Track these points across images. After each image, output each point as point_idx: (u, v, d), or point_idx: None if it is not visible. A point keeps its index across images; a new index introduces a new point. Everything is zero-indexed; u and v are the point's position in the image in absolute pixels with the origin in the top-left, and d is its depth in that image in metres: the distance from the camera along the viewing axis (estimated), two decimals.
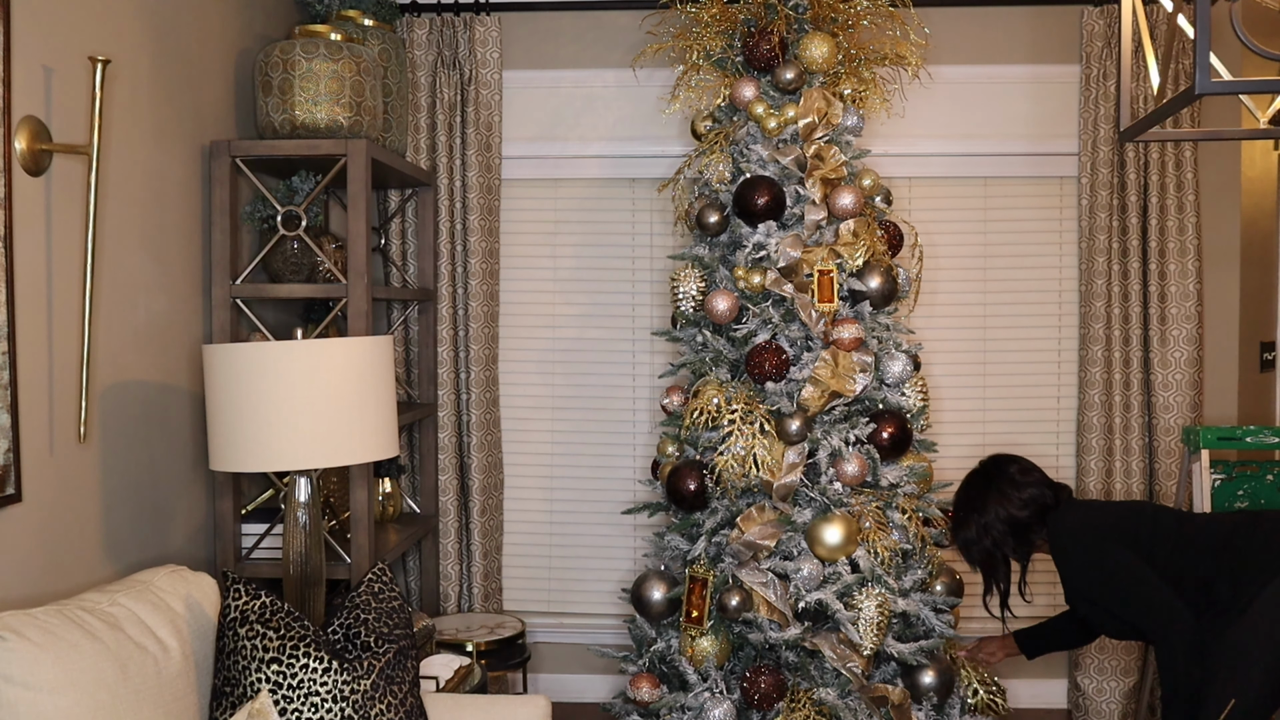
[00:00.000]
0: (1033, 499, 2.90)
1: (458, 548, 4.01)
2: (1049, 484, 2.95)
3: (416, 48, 3.98)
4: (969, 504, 2.98)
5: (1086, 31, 3.90)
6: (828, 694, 3.07)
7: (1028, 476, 2.94)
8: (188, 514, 2.95)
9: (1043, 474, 2.97)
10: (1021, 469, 2.96)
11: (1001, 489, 2.93)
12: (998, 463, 3.01)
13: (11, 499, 2.16)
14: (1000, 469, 2.98)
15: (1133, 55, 3.77)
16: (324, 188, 3.17)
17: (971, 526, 2.96)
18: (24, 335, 2.22)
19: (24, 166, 2.20)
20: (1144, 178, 3.92)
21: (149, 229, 2.75)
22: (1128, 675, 3.93)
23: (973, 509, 2.96)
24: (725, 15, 3.40)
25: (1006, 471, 2.96)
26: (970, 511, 2.97)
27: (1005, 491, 2.92)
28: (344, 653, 2.27)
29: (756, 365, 3.16)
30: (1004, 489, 2.93)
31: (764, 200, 3.22)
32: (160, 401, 2.79)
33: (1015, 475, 2.94)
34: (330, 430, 2.41)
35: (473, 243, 3.98)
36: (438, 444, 3.98)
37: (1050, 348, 4.12)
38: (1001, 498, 2.92)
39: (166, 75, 2.83)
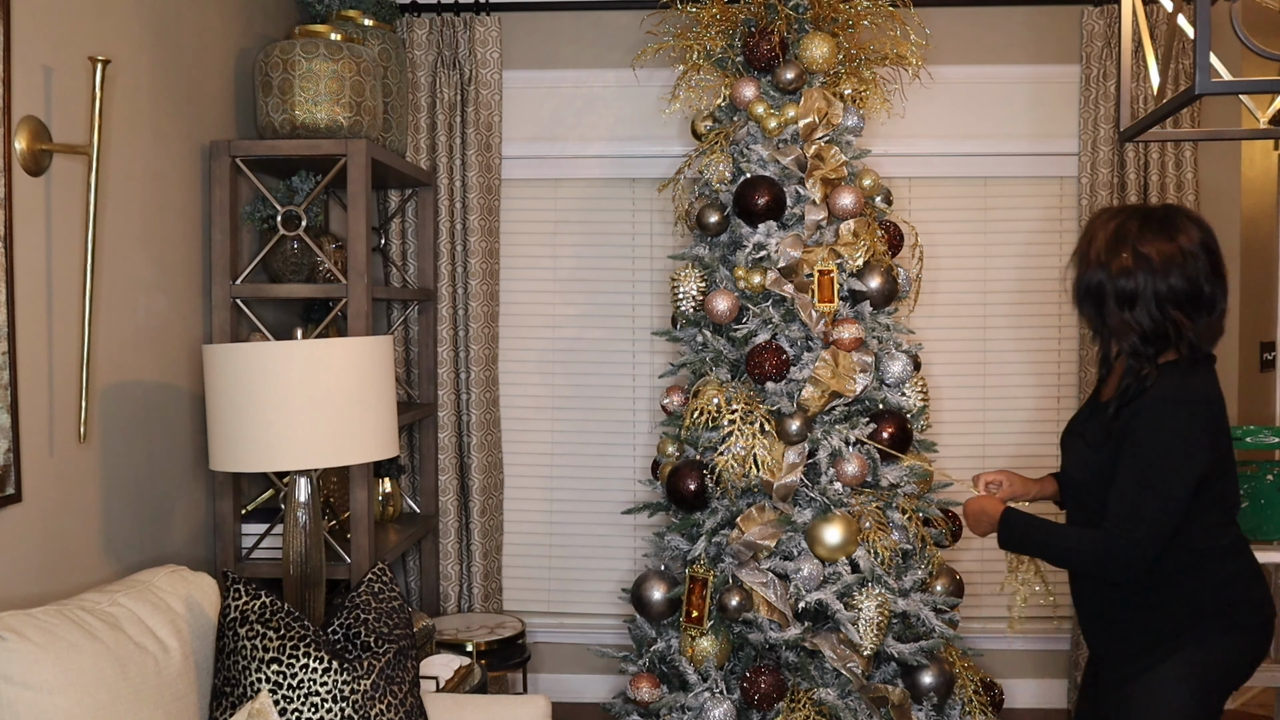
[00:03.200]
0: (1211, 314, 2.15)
1: (458, 548, 4.01)
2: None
3: (416, 48, 3.98)
4: (1143, 245, 2.14)
5: (1086, 31, 3.90)
6: (828, 694, 3.07)
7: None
8: (188, 514, 2.95)
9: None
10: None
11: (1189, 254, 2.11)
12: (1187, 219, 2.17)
13: (11, 499, 2.16)
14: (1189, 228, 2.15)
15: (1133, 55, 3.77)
16: (324, 188, 3.17)
17: (1136, 276, 2.13)
18: (24, 335, 2.22)
19: (24, 166, 2.20)
20: (1144, 178, 3.92)
21: (149, 229, 2.75)
22: None
23: (1149, 256, 2.12)
24: (725, 15, 3.40)
25: (1195, 236, 2.14)
26: (1143, 257, 2.13)
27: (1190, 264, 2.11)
28: (344, 653, 2.27)
29: (757, 365, 3.16)
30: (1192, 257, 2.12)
31: (764, 200, 3.22)
32: (160, 401, 2.79)
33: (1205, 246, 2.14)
34: (330, 430, 2.41)
35: (473, 243, 3.98)
36: (438, 444, 3.98)
37: (1050, 348, 4.12)
38: (1185, 268, 2.11)
39: (166, 75, 2.83)
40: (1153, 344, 2.13)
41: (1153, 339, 2.13)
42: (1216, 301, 2.12)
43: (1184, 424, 2.08)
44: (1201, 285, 2.11)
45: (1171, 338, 2.12)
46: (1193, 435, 2.08)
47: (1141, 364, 2.14)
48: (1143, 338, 2.13)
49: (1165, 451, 2.08)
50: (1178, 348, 2.13)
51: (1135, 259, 2.13)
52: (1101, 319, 2.20)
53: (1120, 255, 2.14)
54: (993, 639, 4.09)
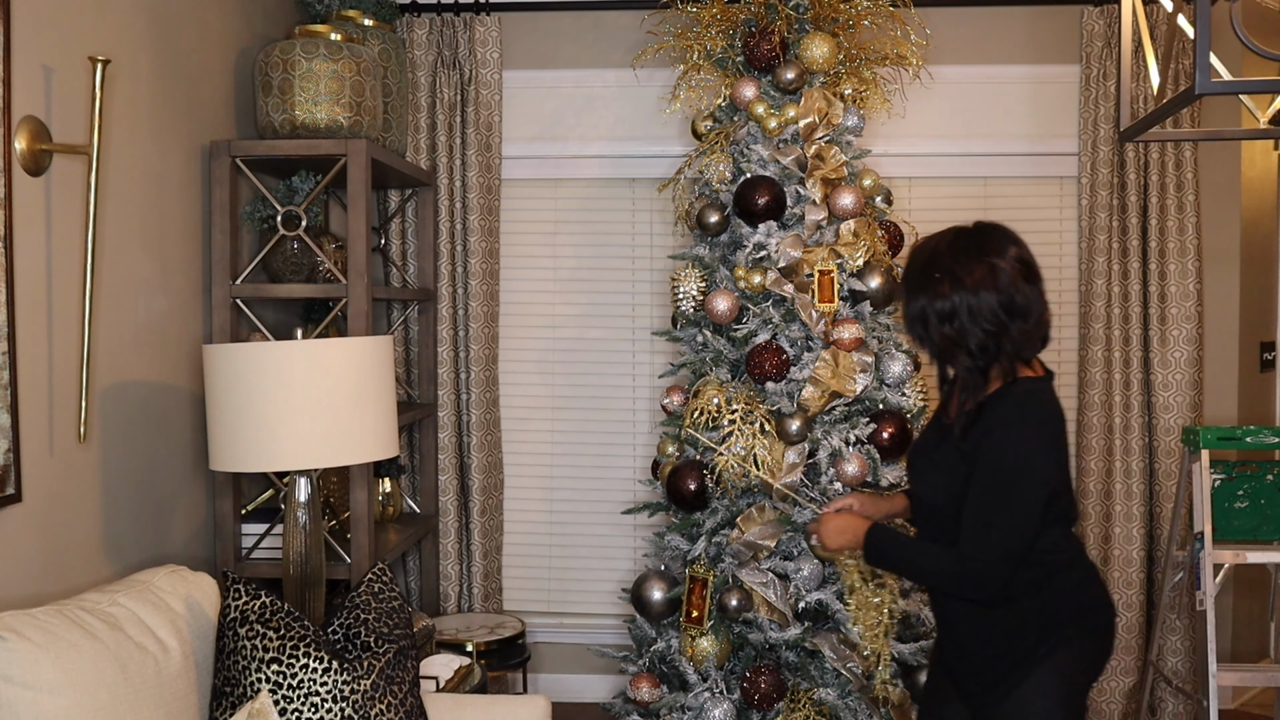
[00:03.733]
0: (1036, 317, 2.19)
1: (458, 548, 4.01)
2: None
3: (416, 48, 3.97)
4: (955, 267, 2.17)
5: (1086, 31, 3.90)
6: (828, 694, 3.07)
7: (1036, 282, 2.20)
8: (188, 514, 2.95)
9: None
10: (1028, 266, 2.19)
11: (997, 268, 2.15)
12: (997, 233, 2.21)
13: (11, 499, 2.16)
14: (999, 243, 2.18)
15: (1133, 55, 3.77)
16: (324, 188, 3.17)
17: (950, 297, 2.16)
18: (24, 335, 2.22)
19: (24, 166, 2.20)
20: (1144, 178, 3.92)
21: (149, 229, 2.75)
22: (1128, 675, 3.93)
23: (960, 276, 2.16)
24: (726, 15, 3.40)
25: (1011, 255, 2.17)
26: (956, 277, 2.16)
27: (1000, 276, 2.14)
28: (344, 653, 2.27)
29: (757, 365, 3.16)
30: (1000, 270, 2.15)
31: (764, 200, 3.22)
32: (160, 401, 2.79)
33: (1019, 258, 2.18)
34: (330, 430, 2.41)
35: (473, 243, 3.98)
36: (438, 444, 3.98)
37: (1050, 348, 4.10)
38: (996, 281, 2.14)
39: (166, 75, 2.83)
40: (979, 359, 2.17)
41: (978, 354, 2.17)
42: (1031, 309, 2.15)
43: (1030, 444, 2.12)
44: (1014, 295, 2.14)
45: (993, 351, 2.16)
46: (1039, 454, 2.13)
47: (975, 379, 2.19)
48: (969, 353, 2.17)
49: (1015, 472, 2.11)
50: (1000, 361, 2.17)
51: (950, 279, 2.17)
52: (931, 341, 2.24)
53: (934, 277, 2.19)
54: None
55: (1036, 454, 2.12)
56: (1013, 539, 2.12)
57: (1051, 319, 2.26)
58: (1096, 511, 3.96)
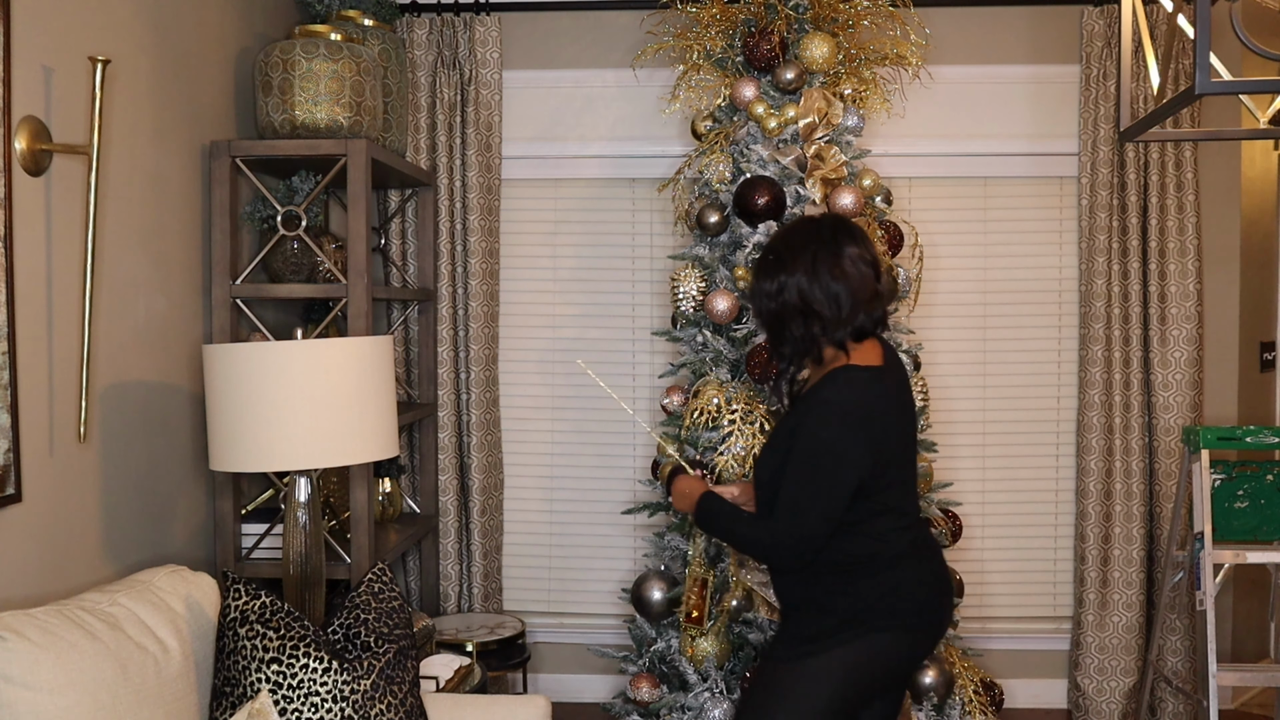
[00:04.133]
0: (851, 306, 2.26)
1: (458, 548, 4.01)
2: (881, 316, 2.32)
3: (416, 48, 3.97)
4: (785, 251, 2.31)
5: (1086, 31, 3.90)
6: None
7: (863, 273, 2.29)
8: (188, 514, 2.95)
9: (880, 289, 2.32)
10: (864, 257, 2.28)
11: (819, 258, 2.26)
12: (844, 230, 2.31)
13: (11, 499, 2.16)
14: (838, 239, 2.28)
15: (1133, 55, 3.77)
16: (324, 188, 3.17)
17: (776, 278, 2.30)
18: (24, 335, 2.22)
19: (24, 166, 2.20)
20: (1144, 178, 3.92)
21: (149, 229, 2.75)
22: (1128, 675, 3.93)
23: (786, 261, 2.29)
24: (725, 15, 3.40)
25: (842, 248, 2.27)
26: (783, 261, 2.30)
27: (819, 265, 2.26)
28: (344, 653, 2.27)
29: (757, 365, 3.16)
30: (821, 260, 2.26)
31: (764, 200, 3.22)
32: (160, 401, 2.79)
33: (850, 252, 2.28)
34: (330, 430, 2.41)
35: (473, 243, 3.98)
36: (438, 444, 3.98)
37: (1050, 348, 4.12)
38: (813, 268, 2.26)
39: (166, 75, 2.83)
40: (796, 339, 2.30)
41: (795, 334, 2.29)
42: (842, 299, 2.25)
43: (839, 426, 2.20)
44: (829, 284, 2.25)
45: (806, 333, 2.28)
46: (848, 438, 2.20)
47: (796, 358, 2.33)
48: (788, 332, 2.30)
49: (825, 450, 2.20)
50: (819, 344, 2.28)
51: (778, 262, 2.30)
52: (760, 317, 2.38)
53: (768, 259, 2.33)
54: (993, 639, 4.09)
55: (846, 437, 2.20)
56: (816, 516, 2.21)
57: (884, 308, 2.34)
58: (1096, 511, 3.96)
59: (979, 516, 4.13)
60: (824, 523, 2.22)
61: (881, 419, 2.24)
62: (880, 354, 2.31)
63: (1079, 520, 4.01)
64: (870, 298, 2.28)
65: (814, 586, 2.30)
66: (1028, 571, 4.15)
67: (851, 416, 2.21)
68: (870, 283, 2.28)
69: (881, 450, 2.23)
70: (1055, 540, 4.14)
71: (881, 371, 2.28)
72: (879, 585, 2.26)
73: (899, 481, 2.29)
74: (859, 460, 2.20)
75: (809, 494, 2.21)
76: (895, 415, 2.28)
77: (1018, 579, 4.16)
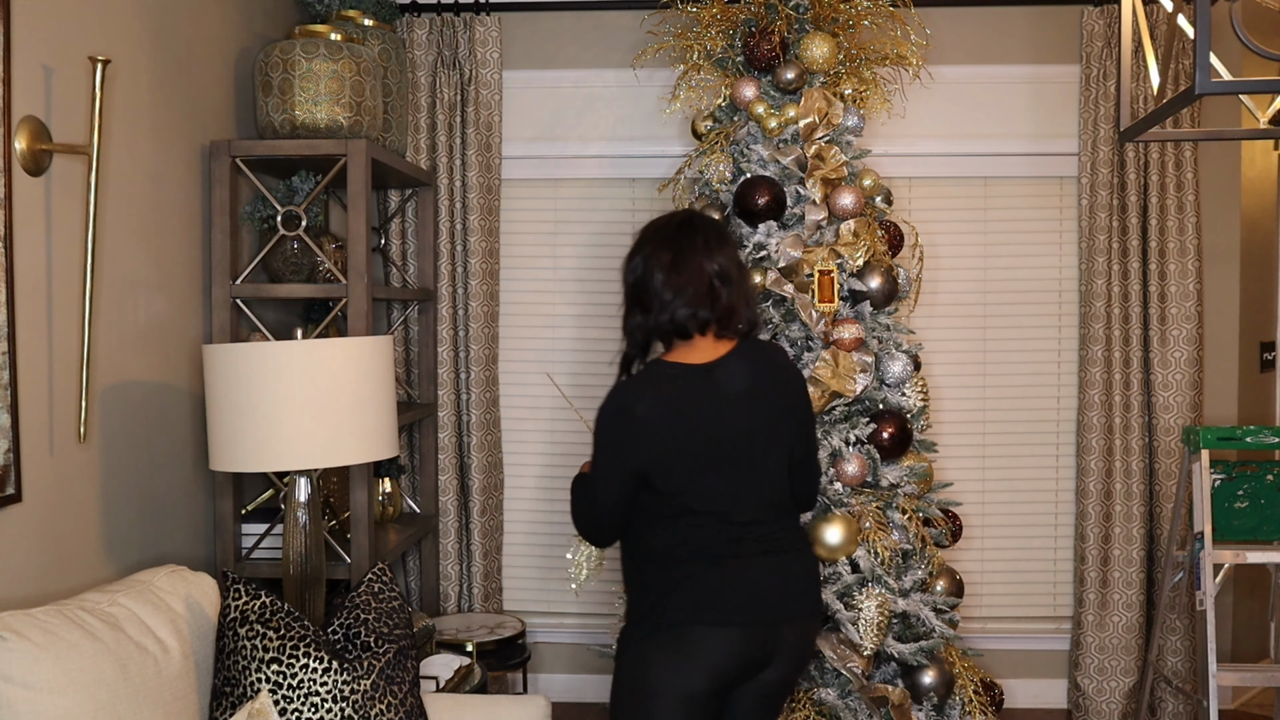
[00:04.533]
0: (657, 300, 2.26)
1: (458, 548, 4.01)
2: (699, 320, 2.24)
3: (416, 48, 3.97)
4: (637, 242, 2.33)
5: (1086, 31, 3.90)
6: (828, 694, 3.07)
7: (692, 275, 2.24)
8: (188, 514, 2.95)
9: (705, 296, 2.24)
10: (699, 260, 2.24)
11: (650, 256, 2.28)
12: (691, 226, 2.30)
13: (11, 499, 2.16)
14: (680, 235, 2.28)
15: (1133, 55, 3.77)
16: (324, 188, 3.17)
17: (626, 265, 2.33)
18: (24, 335, 2.22)
19: (24, 166, 2.20)
20: (1144, 178, 3.92)
21: (149, 229, 2.75)
22: (1128, 675, 3.93)
23: (632, 251, 2.33)
24: (726, 15, 3.40)
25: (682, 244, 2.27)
26: (631, 252, 2.33)
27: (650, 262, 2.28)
28: (344, 653, 2.27)
29: None
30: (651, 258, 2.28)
31: (764, 200, 3.22)
32: (160, 401, 2.79)
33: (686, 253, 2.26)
34: (330, 430, 2.41)
35: (473, 243, 3.98)
36: (438, 444, 3.98)
37: (1050, 348, 4.12)
38: (644, 263, 2.28)
39: (166, 75, 2.83)
40: (625, 329, 2.32)
41: (626, 324, 2.33)
42: (656, 303, 2.25)
43: (608, 418, 2.23)
44: (649, 283, 2.25)
45: (629, 322, 2.31)
46: (614, 429, 2.22)
47: (634, 348, 2.34)
48: (627, 334, 2.33)
49: (599, 444, 2.26)
50: (643, 329, 2.29)
51: (629, 253, 2.34)
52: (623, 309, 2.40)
53: (632, 247, 2.36)
54: (993, 639, 4.09)
55: (612, 428, 2.23)
56: (601, 501, 2.27)
57: (724, 311, 2.24)
58: (1096, 511, 3.96)
59: (979, 516, 4.13)
60: (603, 507, 2.26)
61: (653, 425, 2.19)
62: (718, 353, 2.26)
63: (1079, 520, 4.01)
64: (697, 297, 2.22)
65: (625, 571, 2.35)
66: (1028, 571, 4.15)
67: (619, 409, 2.22)
68: (702, 282, 2.23)
69: (664, 450, 2.19)
70: (1055, 540, 4.14)
71: (695, 370, 2.24)
72: (649, 590, 2.24)
73: (697, 485, 2.21)
74: (626, 458, 2.20)
75: (595, 482, 2.27)
76: (700, 416, 2.21)
77: (1018, 579, 4.16)
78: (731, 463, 2.22)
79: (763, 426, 2.25)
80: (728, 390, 2.23)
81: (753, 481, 2.25)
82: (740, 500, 2.24)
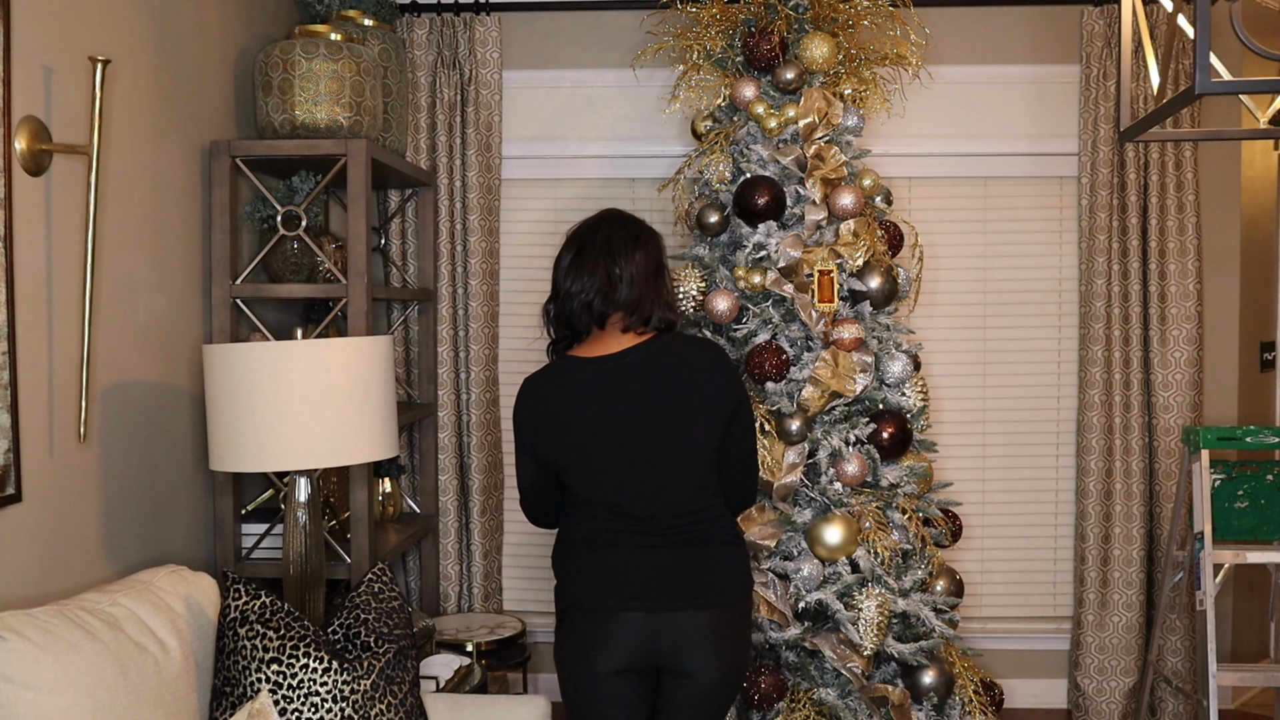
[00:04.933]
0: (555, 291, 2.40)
1: (458, 548, 4.01)
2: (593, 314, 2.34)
3: (416, 48, 3.97)
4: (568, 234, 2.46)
5: (1086, 31, 3.90)
6: (828, 694, 3.07)
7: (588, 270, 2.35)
8: (188, 514, 2.95)
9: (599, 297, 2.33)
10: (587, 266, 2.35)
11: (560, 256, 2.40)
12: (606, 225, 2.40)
13: (11, 499, 2.16)
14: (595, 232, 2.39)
15: (1133, 55, 3.77)
16: (324, 188, 3.17)
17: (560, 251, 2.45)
18: (24, 335, 2.22)
19: (24, 166, 2.20)
20: (1144, 178, 3.92)
21: (149, 229, 2.75)
22: (1128, 675, 3.93)
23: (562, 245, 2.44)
24: (725, 15, 3.40)
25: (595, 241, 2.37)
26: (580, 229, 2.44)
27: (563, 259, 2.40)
28: (344, 653, 2.27)
29: (757, 365, 3.16)
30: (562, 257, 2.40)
31: (764, 200, 3.22)
32: (160, 401, 2.79)
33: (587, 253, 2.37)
34: (330, 430, 2.41)
35: (473, 243, 3.98)
36: (438, 444, 3.98)
37: (1050, 348, 4.12)
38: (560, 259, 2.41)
39: (166, 75, 2.83)
40: (546, 324, 2.46)
41: (545, 320, 2.46)
42: (561, 295, 2.39)
43: (513, 413, 2.42)
44: (560, 277, 2.39)
45: (547, 309, 2.44)
46: (516, 424, 2.41)
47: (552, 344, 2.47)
48: (541, 319, 2.48)
49: (514, 431, 2.43)
50: (549, 317, 2.44)
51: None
52: None
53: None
54: (993, 639, 4.09)
55: (515, 419, 2.41)
56: (520, 484, 2.44)
57: (582, 312, 2.35)
58: (1096, 511, 3.96)
59: (979, 516, 4.13)
60: (521, 489, 2.45)
61: (545, 415, 2.31)
62: (623, 347, 2.32)
63: (1079, 520, 4.01)
64: (592, 290, 2.32)
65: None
66: (1028, 571, 4.15)
67: (519, 399, 2.40)
68: (597, 277, 2.32)
69: (557, 440, 2.31)
70: (1055, 540, 4.14)
71: (595, 363, 2.33)
72: (566, 568, 2.35)
73: (591, 476, 2.29)
74: (524, 440, 2.39)
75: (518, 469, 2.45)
76: (593, 409, 2.28)
77: (1018, 579, 4.16)
78: (627, 455, 2.27)
79: (665, 420, 2.29)
80: (626, 384, 2.29)
81: (651, 474, 2.28)
82: (634, 493, 2.28)
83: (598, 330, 2.35)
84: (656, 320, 2.34)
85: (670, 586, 2.26)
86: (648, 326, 2.34)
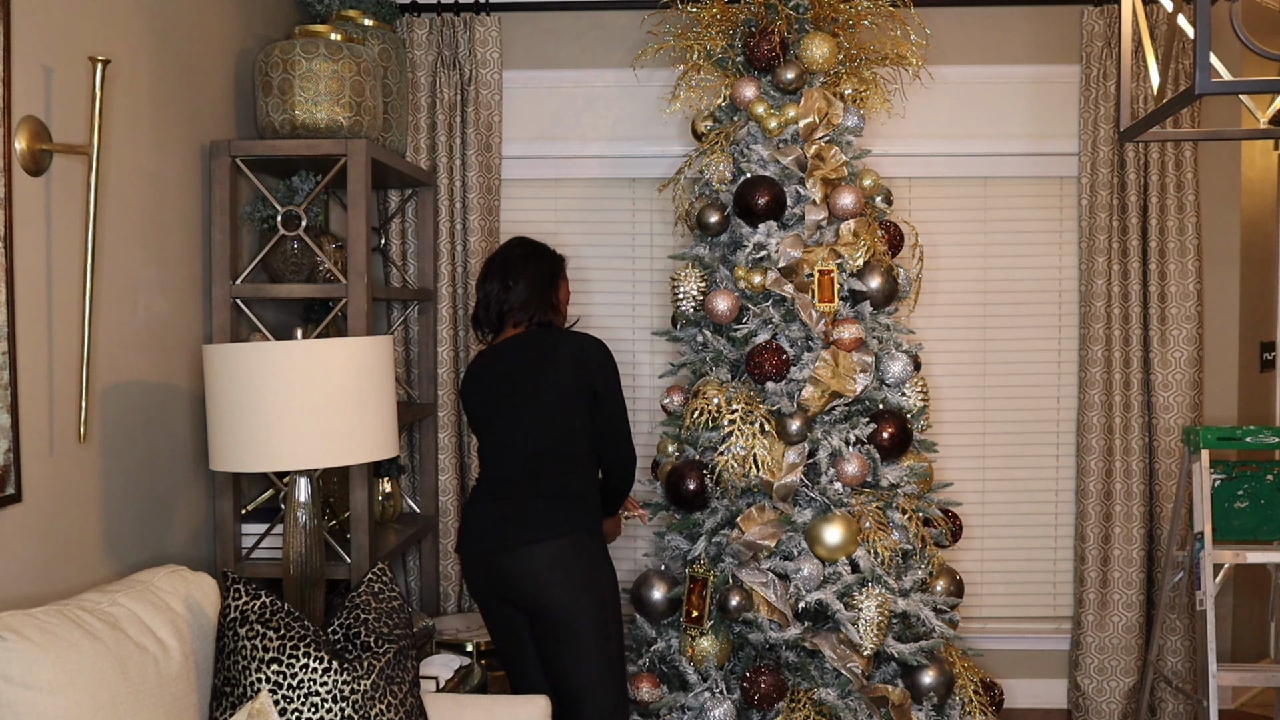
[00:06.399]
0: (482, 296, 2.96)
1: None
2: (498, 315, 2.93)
3: (416, 48, 3.97)
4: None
5: (1086, 31, 3.90)
6: (828, 694, 3.07)
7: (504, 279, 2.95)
8: (188, 514, 2.95)
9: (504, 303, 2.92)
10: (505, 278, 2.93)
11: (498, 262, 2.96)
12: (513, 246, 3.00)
13: (11, 499, 2.16)
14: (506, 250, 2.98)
15: (1133, 55, 3.77)
16: (324, 188, 3.17)
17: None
18: (24, 335, 2.22)
19: (24, 166, 2.20)
20: (1144, 178, 3.92)
21: (149, 229, 2.75)
22: (1128, 675, 3.94)
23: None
24: (726, 15, 3.40)
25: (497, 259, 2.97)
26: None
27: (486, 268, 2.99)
28: (344, 653, 2.27)
29: (757, 365, 3.16)
30: (487, 265, 2.99)
31: (764, 200, 3.22)
32: (160, 401, 2.79)
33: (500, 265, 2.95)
34: (330, 430, 2.41)
35: (473, 243, 3.98)
36: (438, 444, 3.98)
37: (1050, 348, 4.13)
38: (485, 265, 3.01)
39: (166, 75, 2.83)
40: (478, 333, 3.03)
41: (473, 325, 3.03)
42: (479, 297, 2.96)
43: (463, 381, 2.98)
44: (481, 281, 2.96)
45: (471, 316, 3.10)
46: (463, 391, 2.96)
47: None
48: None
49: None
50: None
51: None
52: None
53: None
54: (993, 639, 4.09)
55: (462, 390, 2.97)
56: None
57: (480, 313, 2.96)
58: (1096, 511, 3.96)
59: (979, 516, 4.13)
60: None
61: (476, 386, 2.90)
62: (505, 341, 2.89)
63: (1079, 520, 4.01)
64: (486, 299, 2.93)
65: None
66: (1028, 571, 4.16)
67: (465, 378, 2.96)
68: (491, 289, 2.92)
69: (470, 411, 2.93)
70: (1055, 540, 4.15)
71: (487, 352, 2.93)
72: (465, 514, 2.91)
73: (487, 439, 2.88)
74: (468, 410, 2.95)
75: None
76: (489, 387, 2.87)
77: (1018, 579, 4.16)
78: (499, 421, 2.85)
79: (521, 395, 2.82)
80: (499, 365, 2.87)
81: (512, 439, 2.83)
82: (503, 453, 2.85)
83: (508, 327, 2.91)
84: (539, 320, 2.88)
85: (500, 531, 2.77)
86: (532, 324, 2.88)
